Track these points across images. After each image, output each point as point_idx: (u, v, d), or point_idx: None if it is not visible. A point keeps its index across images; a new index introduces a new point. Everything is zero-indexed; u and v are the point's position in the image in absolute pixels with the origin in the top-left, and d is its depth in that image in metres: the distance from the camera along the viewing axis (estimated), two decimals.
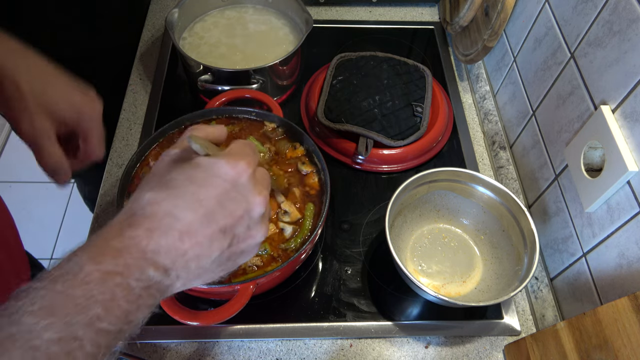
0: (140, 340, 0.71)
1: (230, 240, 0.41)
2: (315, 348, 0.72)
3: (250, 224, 0.43)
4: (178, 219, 0.38)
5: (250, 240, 0.44)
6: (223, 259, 0.42)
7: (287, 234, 0.69)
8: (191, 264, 0.39)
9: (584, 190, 0.65)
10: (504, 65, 0.94)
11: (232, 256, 0.43)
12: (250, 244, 0.44)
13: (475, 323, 0.75)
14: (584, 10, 0.67)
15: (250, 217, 0.42)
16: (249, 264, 0.66)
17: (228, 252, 0.42)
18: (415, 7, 1.21)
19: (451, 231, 0.82)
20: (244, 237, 0.43)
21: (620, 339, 0.50)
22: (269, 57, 0.96)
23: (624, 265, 0.59)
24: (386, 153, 0.89)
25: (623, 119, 0.59)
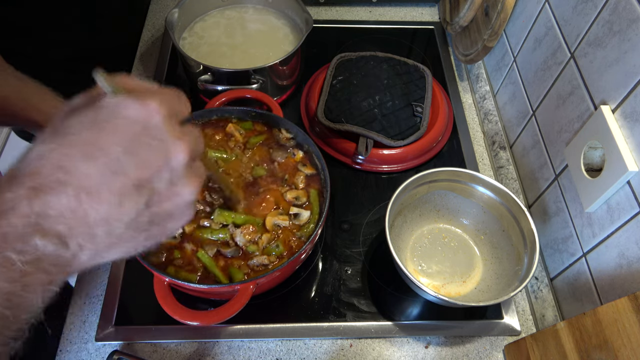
0: (140, 340, 0.71)
1: (148, 198, 0.34)
2: (315, 348, 0.72)
3: (173, 178, 0.35)
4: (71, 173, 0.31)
5: (177, 198, 0.36)
6: (143, 223, 0.34)
7: (303, 218, 0.70)
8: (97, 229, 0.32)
9: (584, 190, 0.65)
10: (504, 65, 0.94)
11: (155, 219, 0.35)
12: (177, 203, 0.36)
13: (475, 323, 0.75)
14: (584, 10, 0.67)
15: (170, 167, 0.34)
16: (258, 264, 0.65)
17: (148, 213, 0.34)
18: (415, 7, 1.21)
19: (451, 231, 0.82)
20: (167, 195, 0.35)
21: (620, 339, 0.50)
22: (269, 57, 0.95)
23: (624, 265, 0.59)
24: (386, 153, 0.89)
25: (623, 119, 0.59)
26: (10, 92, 0.61)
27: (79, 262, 0.33)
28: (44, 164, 0.31)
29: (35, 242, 0.30)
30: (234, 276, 0.65)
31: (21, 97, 0.62)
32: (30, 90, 0.63)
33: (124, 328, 0.71)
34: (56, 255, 0.31)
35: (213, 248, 0.66)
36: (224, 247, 0.66)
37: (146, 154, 0.33)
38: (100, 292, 0.75)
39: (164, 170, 0.34)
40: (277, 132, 0.78)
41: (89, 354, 0.70)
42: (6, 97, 0.61)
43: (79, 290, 0.76)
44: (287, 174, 0.74)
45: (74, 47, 0.99)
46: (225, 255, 0.66)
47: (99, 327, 0.71)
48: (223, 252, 0.66)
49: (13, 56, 0.68)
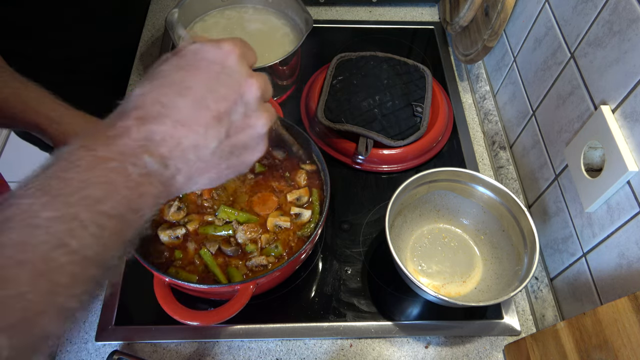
0: (140, 340, 0.71)
1: (227, 129, 0.39)
2: (315, 348, 0.72)
3: (247, 111, 0.40)
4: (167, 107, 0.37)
5: (250, 130, 0.41)
6: (224, 152, 0.40)
7: (304, 218, 0.71)
8: (189, 154, 0.38)
9: (584, 190, 0.65)
10: (504, 65, 0.94)
11: (234, 149, 0.41)
12: (251, 134, 0.41)
13: (475, 323, 0.75)
14: (584, 10, 0.67)
15: (244, 101, 0.40)
16: (256, 264, 0.66)
17: (228, 143, 0.40)
18: (415, 7, 1.21)
19: (451, 231, 0.82)
20: (242, 126, 0.40)
21: (620, 339, 0.50)
22: (269, 57, 0.95)
23: (624, 265, 0.59)
24: (386, 153, 0.88)
25: (623, 119, 0.59)
26: (9, 94, 0.62)
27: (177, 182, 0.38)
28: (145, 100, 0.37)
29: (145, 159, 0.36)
30: (233, 276, 0.65)
31: (21, 99, 0.62)
32: (30, 92, 0.63)
33: (124, 328, 0.71)
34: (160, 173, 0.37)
35: (215, 245, 0.67)
36: (225, 244, 0.67)
37: (223, 90, 0.39)
38: (100, 292, 0.75)
39: (239, 104, 0.40)
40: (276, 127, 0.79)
41: (89, 354, 0.70)
42: (6, 99, 0.61)
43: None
44: (288, 172, 0.75)
45: (74, 47, 0.99)
46: (225, 253, 0.66)
47: (99, 327, 0.71)
48: (224, 249, 0.66)
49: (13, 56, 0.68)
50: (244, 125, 0.41)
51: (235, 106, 0.40)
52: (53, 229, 0.30)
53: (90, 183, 0.33)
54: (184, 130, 0.37)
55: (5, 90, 0.62)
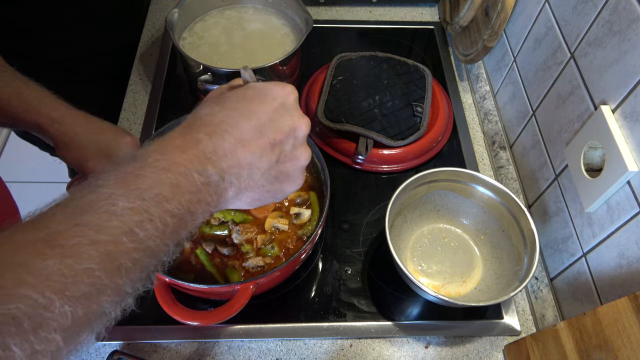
0: (140, 340, 0.71)
1: (278, 156, 0.44)
2: (315, 348, 0.72)
3: (296, 143, 0.46)
4: (233, 127, 0.41)
5: (295, 161, 0.46)
6: (271, 176, 0.44)
7: (304, 218, 0.71)
8: (243, 171, 0.42)
9: (584, 190, 0.65)
10: (504, 65, 0.94)
11: (279, 175, 0.45)
12: (295, 165, 0.46)
13: (475, 323, 0.75)
14: (584, 10, 0.67)
15: (295, 136, 0.45)
16: (253, 265, 0.66)
17: (276, 169, 0.44)
18: (415, 7, 1.21)
19: (451, 231, 0.82)
20: (290, 156, 0.45)
21: (620, 339, 0.50)
22: (269, 57, 0.95)
23: (624, 265, 0.59)
24: (386, 153, 0.89)
25: (623, 119, 0.59)
26: (11, 93, 0.62)
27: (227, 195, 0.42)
28: (214, 119, 0.42)
29: (208, 170, 0.39)
30: (230, 276, 0.65)
31: (22, 99, 0.62)
32: (31, 92, 0.63)
33: (124, 328, 0.71)
34: (217, 184, 0.40)
35: (211, 245, 0.67)
36: (221, 245, 0.67)
37: (281, 122, 0.44)
38: None
39: (291, 136, 0.45)
40: None
41: (89, 354, 0.70)
42: (7, 99, 0.61)
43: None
44: None
45: (74, 47, 0.99)
46: (221, 253, 0.67)
47: None
48: (220, 250, 0.66)
49: (13, 57, 0.68)
50: (291, 156, 0.46)
51: (288, 138, 0.45)
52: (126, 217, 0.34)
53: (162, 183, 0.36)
54: (244, 150, 0.41)
55: (7, 89, 0.62)
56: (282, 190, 0.47)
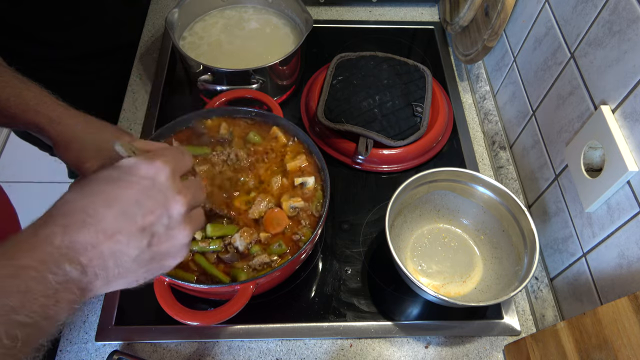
0: (140, 340, 0.71)
1: (150, 240, 0.41)
2: (315, 348, 0.72)
3: (171, 224, 0.42)
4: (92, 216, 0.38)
5: (173, 241, 0.43)
6: (145, 259, 0.42)
7: (310, 185, 0.72)
8: (109, 262, 0.39)
9: (584, 190, 0.65)
10: (504, 65, 0.94)
11: (155, 257, 0.42)
12: (173, 244, 0.43)
13: (475, 323, 0.75)
14: (584, 10, 0.67)
15: (169, 215, 0.42)
16: (259, 262, 0.65)
17: (149, 252, 0.41)
18: (415, 7, 1.21)
19: (451, 231, 0.82)
20: (165, 238, 0.42)
21: (620, 339, 0.50)
22: (269, 57, 0.95)
23: (624, 265, 0.59)
24: (386, 153, 0.88)
25: (623, 119, 0.59)
26: (10, 94, 0.62)
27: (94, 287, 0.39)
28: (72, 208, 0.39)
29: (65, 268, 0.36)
30: (238, 277, 0.64)
31: (21, 99, 0.62)
32: (30, 92, 0.63)
33: (124, 328, 0.71)
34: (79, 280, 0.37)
35: (212, 255, 0.66)
36: (222, 253, 0.66)
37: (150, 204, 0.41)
38: None
39: (164, 217, 0.42)
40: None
41: (89, 354, 0.70)
42: (6, 99, 0.61)
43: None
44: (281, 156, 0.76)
45: (74, 47, 0.99)
46: (225, 262, 0.66)
47: (99, 327, 0.71)
48: (223, 258, 0.66)
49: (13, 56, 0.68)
50: (167, 237, 0.42)
51: (160, 219, 0.41)
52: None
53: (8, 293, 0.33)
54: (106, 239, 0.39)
55: (6, 90, 0.62)
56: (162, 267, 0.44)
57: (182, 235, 0.43)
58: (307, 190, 0.71)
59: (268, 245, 0.68)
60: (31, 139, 1.10)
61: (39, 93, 0.64)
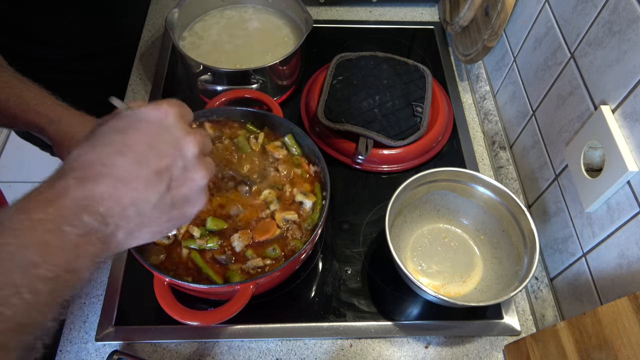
0: (140, 340, 0.71)
1: (168, 183, 0.41)
2: (315, 348, 0.72)
3: (187, 165, 0.42)
4: (107, 166, 0.38)
5: (191, 183, 0.43)
6: (165, 205, 0.41)
7: (307, 207, 0.71)
8: (129, 210, 0.38)
9: (584, 190, 0.65)
10: (504, 65, 0.94)
11: (175, 203, 0.42)
12: (191, 187, 0.43)
13: (475, 323, 0.75)
14: (584, 10, 0.67)
15: (183, 156, 0.42)
16: (253, 266, 0.65)
17: (169, 197, 0.41)
18: (415, 7, 1.21)
19: (451, 231, 0.82)
20: (183, 180, 0.42)
21: (620, 339, 0.50)
22: (269, 57, 0.95)
23: (624, 265, 0.59)
24: (386, 153, 0.88)
25: (623, 119, 0.59)
26: (10, 94, 0.62)
27: (117, 239, 0.39)
28: (84, 160, 0.38)
29: (84, 219, 0.36)
30: (231, 279, 0.64)
31: (21, 99, 0.62)
32: (30, 93, 0.63)
33: (124, 328, 0.72)
34: (99, 231, 0.37)
35: (208, 254, 0.66)
36: (218, 253, 0.66)
37: (163, 146, 0.40)
38: (100, 292, 0.75)
39: (179, 159, 0.41)
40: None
41: (89, 354, 0.70)
42: (6, 100, 0.61)
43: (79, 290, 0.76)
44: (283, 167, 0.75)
45: (74, 47, 0.99)
46: (220, 262, 0.66)
47: (99, 327, 0.71)
48: (218, 258, 0.66)
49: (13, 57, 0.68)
50: (184, 179, 0.42)
51: (175, 161, 0.41)
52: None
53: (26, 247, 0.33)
54: (124, 187, 0.38)
55: (6, 90, 0.62)
56: (184, 215, 0.44)
57: (199, 176, 0.43)
58: (303, 212, 0.71)
59: (263, 250, 0.67)
60: (32, 139, 1.10)
61: (39, 93, 0.64)
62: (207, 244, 0.66)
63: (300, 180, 0.74)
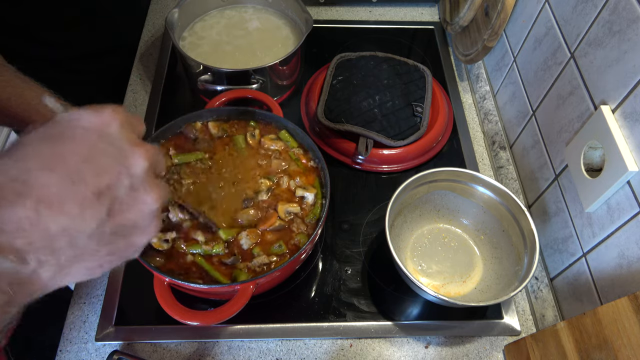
0: (140, 340, 0.71)
1: (110, 206, 0.32)
2: (315, 348, 0.72)
3: (134, 184, 0.34)
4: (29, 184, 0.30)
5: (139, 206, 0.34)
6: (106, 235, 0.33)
7: (310, 201, 0.71)
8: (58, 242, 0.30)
9: (584, 190, 0.65)
10: (504, 65, 0.94)
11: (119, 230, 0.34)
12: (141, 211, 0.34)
13: (475, 323, 0.75)
14: (584, 10, 0.67)
15: (130, 173, 0.33)
16: (259, 264, 0.65)
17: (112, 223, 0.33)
18: (415, 7, 1.21)
19: (451, 231, 0.82)
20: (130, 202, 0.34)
21: (620, 339, 0.50)
22: (269, 57, 0.95)
23: (624, 265, 0.59)
24: (386, 153, 0.89)
25: (623, 119, 0.59)
26: (12, 93, 0.62)
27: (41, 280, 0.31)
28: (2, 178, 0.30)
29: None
30: (238, 277, 0.64)
31: (23, 99, 0.62)
32: (32, 92, 0.63)
33: (124, 328, 0.72)
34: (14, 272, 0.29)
35: (215, 258, 0.66)
36: (225, 257, 0.66)
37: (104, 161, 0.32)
38: (100, 292, 0.75)
39: (124, 176, 0.33)
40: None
41: (89, 354, 0.70)
42: (7, 99, 0.61)
43: (79, 290, 0.76)
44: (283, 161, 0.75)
45: (74, 47, 0.99)
46: (226, 264, 0.66)
47: (99, 327, 0.71)
48: (225, 261, 0.66)
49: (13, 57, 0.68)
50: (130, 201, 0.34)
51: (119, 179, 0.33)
52: None
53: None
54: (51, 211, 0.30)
55: (7, 89, 0.62)
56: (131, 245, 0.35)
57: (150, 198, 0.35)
58: (306, 205, 0.71)
59: (269, 246, 0.67)
60: None
61: (40, 92, 0.64)
62: (214, 250, 0.66)
63: (299, 173, 0.74)
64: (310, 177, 0.75)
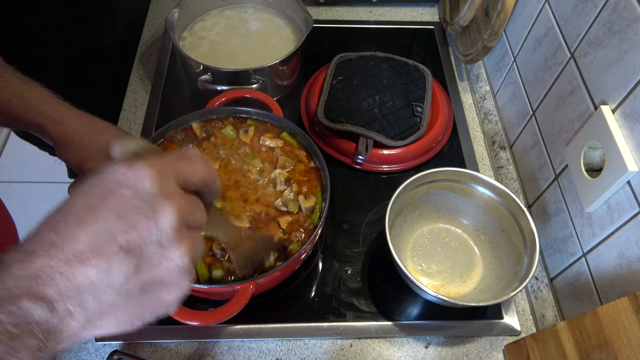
0: (140, 340, 0.71)
1: (138, 262, 0.33)
2: (315, 348, 0.72)
3: (162, 240, 0.34)
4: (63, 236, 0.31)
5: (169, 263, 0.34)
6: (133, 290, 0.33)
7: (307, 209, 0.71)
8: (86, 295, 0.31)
9: (584, 190, 0.65)
10: (504, 65, 0.94)
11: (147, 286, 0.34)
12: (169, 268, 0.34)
13: (475, 323, 0.75)
14: (584, 10, 0.67)
15: (159, 228, 0.33)
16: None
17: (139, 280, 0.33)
18: (415, 7, 1.21)
19: (451, 231, 0.82)
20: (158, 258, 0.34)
21: (620, 339, 0.50)
22: (269, 57, 0.95)
23: (624, 265, 0.59)
24: (386, 153, 0.89)
25: (623, 119, 0.59)
26: (11, 94, 0.62)
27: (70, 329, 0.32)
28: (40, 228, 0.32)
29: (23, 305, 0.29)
30: None
31: (23, 99, 0.62)
32: (32, 92, 0.63)
33: None
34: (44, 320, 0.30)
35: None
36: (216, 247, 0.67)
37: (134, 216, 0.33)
38: None
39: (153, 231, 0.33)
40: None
41: (89, 354, 0.70)
42: (8, 99, 0.61)
43: None
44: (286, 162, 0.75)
45: (74, 47, 0.99)
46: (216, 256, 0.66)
47: None
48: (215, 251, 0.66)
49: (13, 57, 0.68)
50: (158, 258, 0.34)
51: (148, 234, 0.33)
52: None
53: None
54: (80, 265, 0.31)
55: (8, 90, 0.62)
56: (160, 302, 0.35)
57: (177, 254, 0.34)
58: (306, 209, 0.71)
59: None
60: (31, 139, 1.10)
61: (41, 93, 0.64)
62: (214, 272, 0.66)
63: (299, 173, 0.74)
64: (311, 177, 0.74)
